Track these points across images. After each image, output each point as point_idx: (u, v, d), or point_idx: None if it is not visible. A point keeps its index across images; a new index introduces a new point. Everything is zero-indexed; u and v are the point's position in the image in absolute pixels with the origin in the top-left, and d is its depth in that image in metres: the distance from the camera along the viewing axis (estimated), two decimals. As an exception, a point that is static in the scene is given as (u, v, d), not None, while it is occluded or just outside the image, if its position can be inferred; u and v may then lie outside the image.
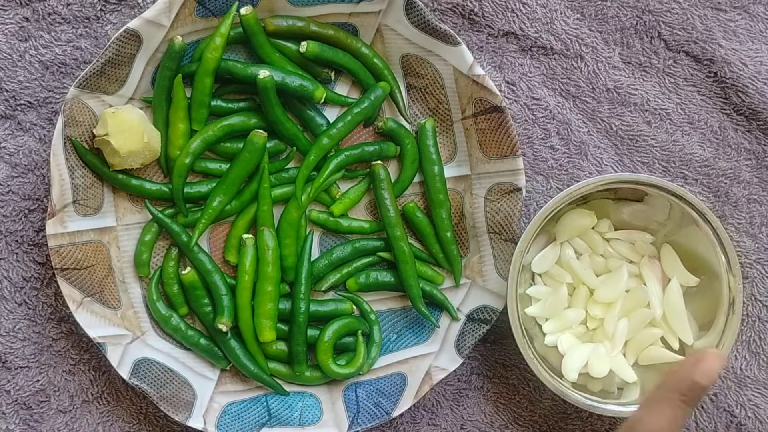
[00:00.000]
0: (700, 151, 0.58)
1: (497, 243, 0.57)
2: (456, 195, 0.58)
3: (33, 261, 0.56)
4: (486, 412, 0.59)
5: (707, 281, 0.55)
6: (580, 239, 0.56)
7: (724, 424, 0.59)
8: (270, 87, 0.53)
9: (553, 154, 0.58)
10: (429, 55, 0.55)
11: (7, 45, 0.55)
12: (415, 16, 0.54)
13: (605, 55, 0.58)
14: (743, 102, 0.58)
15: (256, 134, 0.54)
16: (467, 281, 0.58)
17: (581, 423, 0.59)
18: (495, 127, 0.55)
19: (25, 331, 0.56)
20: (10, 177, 0.55)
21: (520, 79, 0.58)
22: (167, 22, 0.52)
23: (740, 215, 0.59)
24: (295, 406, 0.56)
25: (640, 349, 0.55)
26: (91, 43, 0.55)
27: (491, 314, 0.56)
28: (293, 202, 0.55)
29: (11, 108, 0.55)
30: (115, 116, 0.51)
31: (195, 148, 0.54)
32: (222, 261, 0.57)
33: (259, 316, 0.55)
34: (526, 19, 0.57)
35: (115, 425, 0.57)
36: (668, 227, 0.56)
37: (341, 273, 0.57)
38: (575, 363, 0.54)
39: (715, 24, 0.58)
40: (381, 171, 0.56)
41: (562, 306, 0.55)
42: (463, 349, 0.56)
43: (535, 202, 0.58)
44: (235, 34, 0.54)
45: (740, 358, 0.59)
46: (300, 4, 0.54)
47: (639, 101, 0.58)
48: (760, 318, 0.59)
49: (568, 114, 0.58)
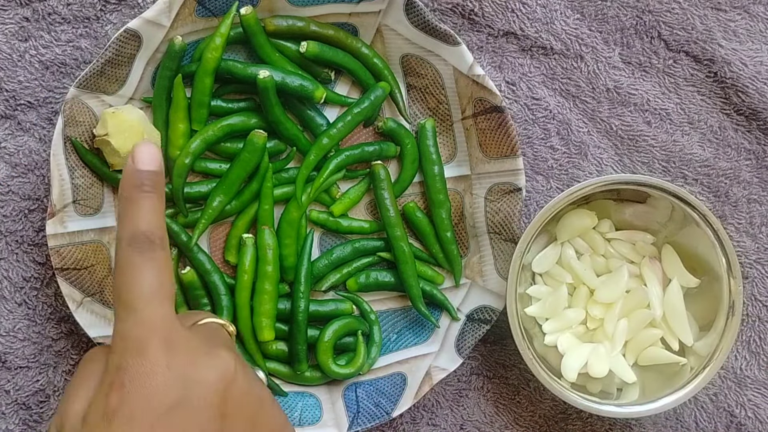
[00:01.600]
0: (700, 151, 0.58)
1: (497, 243, 0.57)
2: (456, 195, 0.58)
3: (33, 261, 0.56)
4: (486, 413, 0.59)
5: (708, 282, 0.55)
6: (580, 239, 0.56)
7: (724, 424, 0.59)
8: (270, 87, 0.53)
9: (553, 154, 0.58)
10: (429, 55, 0.55)
11: (7, 45, 0.55)
12: (415, 16, 0.54)
13: (605, 55, 0.58)
14: (743, 102, 0.58)
15: (256, 134, 0.54)
16: (467, 281, 0.58)
17: (581, 423, 0.59)
18: (495, 127, 0.55)
19: (25, 331, 0.56)
20: (10, 177, 0.55)
21: (520, 79, 0.58)
22: (167, 22, 0.52)
23: (740, 215, 0.59)
24: (295, 406, 0.56)
25: (639, 350, 0.55)
26: (91, 43, 0.55)
27: (491, 314, 0.56)
28: (293, 202, 0.55)
29: (11, 108, 0.55)
30: (115, 116, 0.51)
31: (195, 148, 0.54)
32: (222, 261, 0.57)
33: (258, 316, 0.55)
34: (526, 19, 0.57)
35: (115, 425, 0.57)
36: (669, 228, 0.56)
37: (341, 273, 0.57)
38: (575, 363, 0.54)
39: (715, 24, 0.58)
40: (381, 171, 0.56)
41: (562, 306, 0.55)
42: (463, 349, 0.56)
43: (535, 202, 0.58)
44: (235, 34, 0.54)
45: (740, 358, 0.59)
46: (300, 4, 0.54)
47: (639, 101, 0.58)
48: (760, 318, 0.59)
49: (568, 114, 0.58)
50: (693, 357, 0.55)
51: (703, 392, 0.59)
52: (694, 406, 0.59)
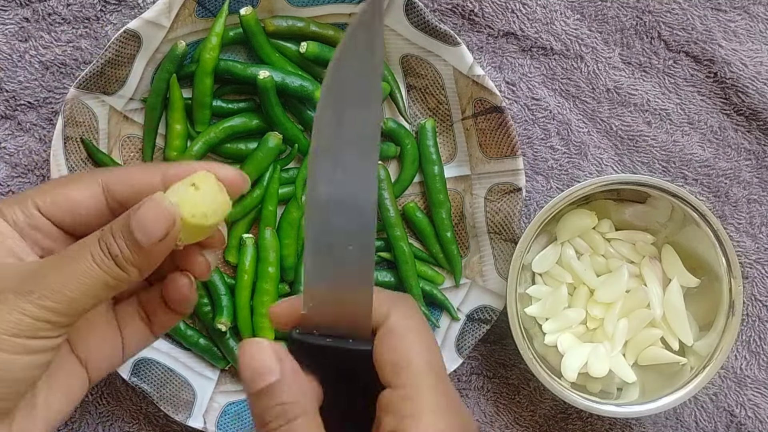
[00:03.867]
0: (700, 152, 0.58)
1: (497, 243, 0.57)
2: (456, 195, 0.58)
3: (33, 261, 0.56)
4: (486, 412, 0.59)
5: (708, 282, 0.55)
6: (580, 239, 0.56)
7: (724, 424, 0.59)
8: (270, 87, 0.53)
9: (553, 154, 0.58)
10: (429, 56, 0.55)
11: (7, 45, 0.55)
12: (415, 16, 0.54)
13: (605, 56, 0.58)
14: (743, 102, 0.58)
15: (272, 135, 0.54)
16: (467, 281, 0.58)
17: (581, 423, 0.59)
18: (495, 128, 0.55)
19: (25, 331, 0.56)
20: (10, 177, 0.55)
21: (520, 80, 0.58)
22: (167, 22, 0.52)
23: (740, 215, 0.59)
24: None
25: (639, 350, 0.56)
26: (91, 43, 0.55)
27: (491, 314, 0.56)
28: (293, 202, 0.55)
29: (11, 108, 0.55)
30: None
31: (197, 150, 0.54)
32: (222, 261, 0.57)
33: (258, 316, 0.55)
34: (526, 20, 0.57)
35: (115, 425, 0.57)
36: (669, 228, 0.56)
37: (341, 273, 0.57)
38: (575, 363, 0.54)
39: (715, 24, 0.58)
40: (381, 171, 0.56)
41: (563, 306, 0.55)
42: (463, 349, 0.56)
43: (535, 202, 0.58)
44: (234, 35, 0.54)
45: (740, 358, 0.59)
46: (300, 5, 0.54)
47: (639, 101, 0.58)
48: (760, 318, 0.59)
49: (568, 114, 0.58)
50: (693, 357, 0.55)
51: (703, 392, 0.59)
52: (694, 405, 0.59)
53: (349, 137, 0.34)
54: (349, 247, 0.35)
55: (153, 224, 0.34)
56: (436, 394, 0.34)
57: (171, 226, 0.34)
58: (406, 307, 0.36)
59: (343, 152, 0.35)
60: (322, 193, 0.35)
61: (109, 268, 0.35)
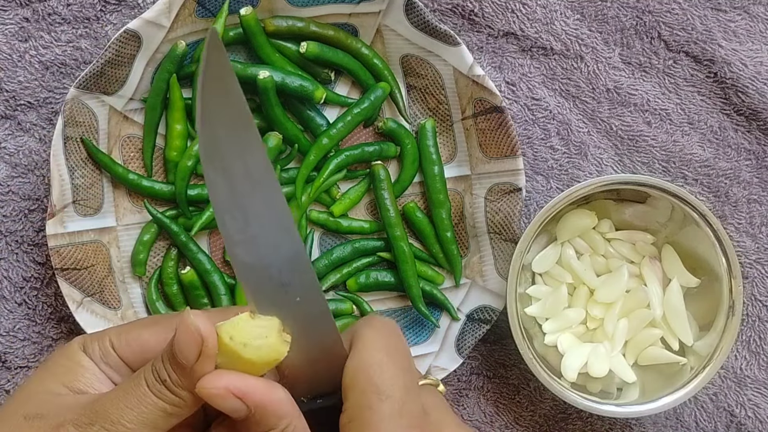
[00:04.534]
0: (700, 152, 0.58)
1: (497, 243, 0.57)
2: (456, 195, 0.58)
3: (33, 261, 0.56)
4: (486, 412, 0.59)
5: (708, 282, 0.55)
6: (580, 239, 0.56)
7: (724, 423, 0.59)
8: (270, 87, 0.53)
9: (553, 154, 0.58)
10: (429, 56, 0.55)
11: (7, 45, 0.55)
12: (415, 16, 0.54)
13: (605, 56, 0.58)
14: (743, 102, 0.58)
15: (271, 135, 0.54)
16: (467, 281, 0.58)
17: (581, 423, 0.59)
18: (495, 128, 0.55)
19: (25, 331, 0.56)
20: (10, 177, 0.55)
21: (520, 80, 0.58)
22: (167, 22, 0.52)
23: (740, 215, 0.59)
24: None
25: (639, 350, 0.56)
26: (91, 43, 0.55)
27: (491, 314, 0.56)
28: (293, 203, 0.55)
29: (11, 108, 0.55)
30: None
31: (197, 150, 0.54)
32: (222, 261, 0.57)
33: (259, 317, 0.55)
34: (526, 20, 0.57)
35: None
36: (669, 228, 0.56)
37: (341, 273, 0.57)
38: (575, 362, 0.54)
39: (715, 24, 0.58)
40: (381, 171, 0.56)
41: (562, 306, 0.55)
42: (463, 349, 0.56)
43: (535, 202, 0.58)
44: (234, 35, 0.54)
45: (740, 358, 0.59)
46: (300, 5, 0.54)
47: (639, 101, 0.58)
48: (760, 318, 0.59)
49: (568, 114, 0.58)
50: (693, 357, 0.55)
51: (703, 392, 0.59)
52: (694, 405, 0.59)
53: (241, 181, 0.34)
54: (297, 299, 0.36)
55: (185, 345, 0.35)
56: (381, 411, 0.35)
57: (199, 344, 0.34)
58: (361, 330, 0.38)
59: (244, 199, 0.34)
60: (243, 256, 0.35)
61: (162, 393, 0.35)
